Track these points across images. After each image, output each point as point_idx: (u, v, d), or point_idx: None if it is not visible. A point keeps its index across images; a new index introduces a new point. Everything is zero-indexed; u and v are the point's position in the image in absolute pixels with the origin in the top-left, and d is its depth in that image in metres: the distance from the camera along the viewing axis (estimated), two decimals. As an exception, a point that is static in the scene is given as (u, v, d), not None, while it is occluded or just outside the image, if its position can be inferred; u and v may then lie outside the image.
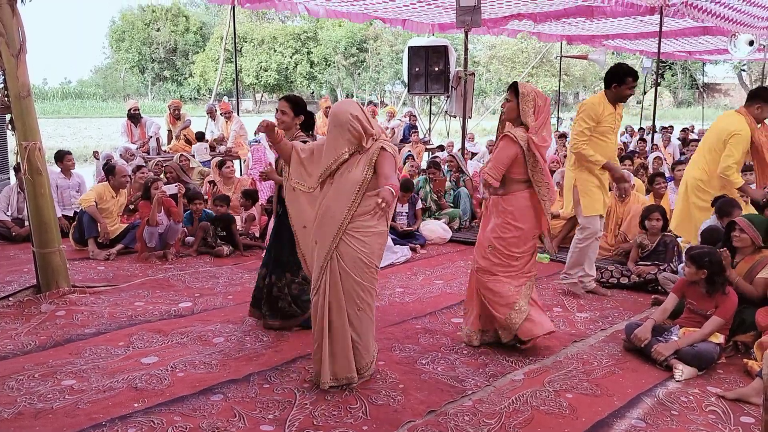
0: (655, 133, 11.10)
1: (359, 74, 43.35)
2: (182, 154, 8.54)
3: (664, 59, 21.67)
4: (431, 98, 14.48)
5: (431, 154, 11.09)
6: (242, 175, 9.64)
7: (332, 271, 3.11)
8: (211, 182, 7.67)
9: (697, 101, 40.33)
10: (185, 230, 6.42)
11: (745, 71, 38.43)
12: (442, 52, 10.05)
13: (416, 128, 11.84)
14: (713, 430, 2.95)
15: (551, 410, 3.09)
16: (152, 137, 9.14)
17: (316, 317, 3.21)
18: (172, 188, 6.13)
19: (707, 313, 3.68)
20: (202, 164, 8.78)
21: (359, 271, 3.11)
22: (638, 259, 5.32)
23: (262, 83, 42.86)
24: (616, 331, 4.18)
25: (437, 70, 10.06)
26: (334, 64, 42.56)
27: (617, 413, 3.08)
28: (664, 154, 10.16)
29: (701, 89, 34.01)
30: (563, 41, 14.35)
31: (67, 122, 30.35)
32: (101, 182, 6.82)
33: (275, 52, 42.48)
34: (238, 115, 10.31)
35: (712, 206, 4.87)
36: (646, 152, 10.43)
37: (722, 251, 3.81)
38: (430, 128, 13.83)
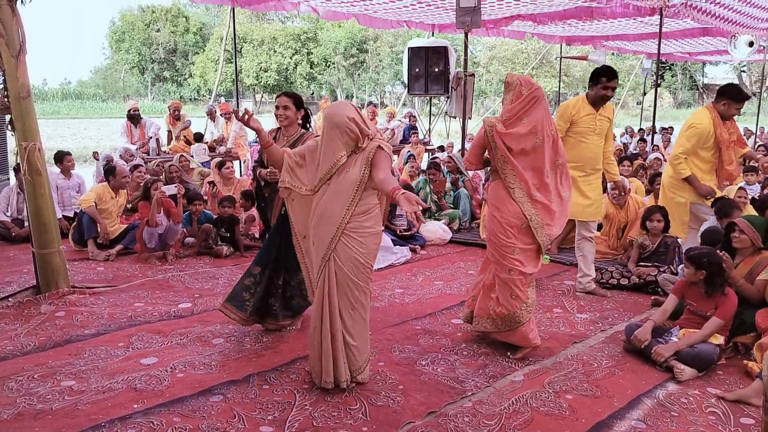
0: (655, 133, 11.11)
1: (359, 75, 43.37)
2: (182, 154, 8.53)
3: (664, 60, 21.68)
4: (431, 99, 14.47)
5: (431, 154, 11.09)
6: (242, 175, 9.65)
7: (329, 271, 3.11)
8: (210, 183, 7.67)
9: (697, 102, 40.39)
10: (185, 231, 6.43)
11: (745, 72, 38.49)
12: (442, 52, 10.05)
13: (416, 129, 11.84)
14: (713, 431, 2.95)
15: (551, 411, 3.09)
16: (152, 138, 9.13)
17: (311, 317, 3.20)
18: (171, 189, 6.13)
19: (707, 314, 3.68)
20: (200, 165, 8.78)
21: (356, 271, 3.11)
22: (639, 259, 5.33)
23: (262, 84, 42.86)
24: (616, 332, 4.18)
25: (437, 70, 10.05)
26: (334, 64, 42.57)
27: (617, 414, 3.08)
28: (664, 154, 10.16)
29: (701, 90, 34.07)
30: (563, 42, 14.36)
31: (66, 123, 30.35)
32: (101, 183, 6.82)
33: (275, 52, 42.49)
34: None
35: (711, 206, 4.90)
36: (646, 153, 10.45)
37: (722, 255, 3.80)
38: (430, 129, 13.83)
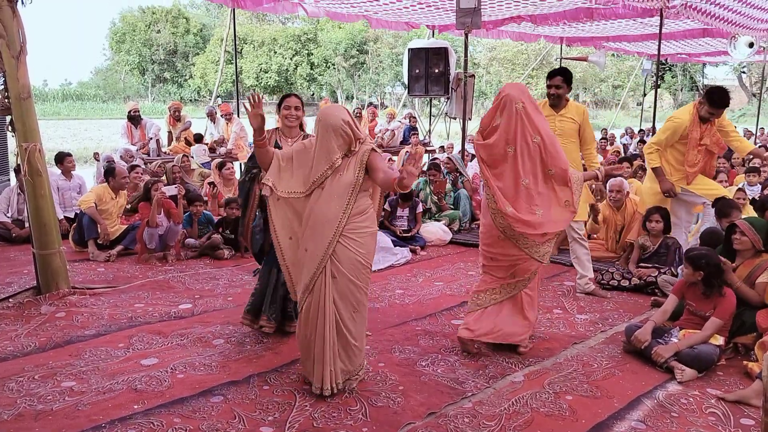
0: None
1: (359, 76, 43.40)
2: (183, 155, 8.54)
3: (664, 61, 21.68)
4: (431, 100, 14.47)
5: (431, 155, 11.10)
6: (242, 176, 9.64)
7: (327, 273, 3.10)
8: (211, 184, 7.67)
9: (697, 103, 40.24)
10: (185, 232, 6.43)
11: (745, 73, 38.48)
12: (442, 53, 10.05)
13: (416, 130, 11.84)
14: (713, 432, 2.96)
15: (551, 412, 3.09)
16: (152, 139, 9.13)
17: (306, 321, 3.16)
18: (171, 190, 6.13)
19: (706, 314, 3.68)
20: (201, 166, 8.78)
21: (356, 271, 3.11)
22: (639, 260, 5.33)
23: (262, 85, 42.89)
24: (616, 332, 4.18)
25: (437, 71, 10.05)
26: (334, 65, 42.62)
27: (617, 415, 3.08)
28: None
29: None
30: (563, 43, 14.36)
31: (67, 124, 30.38)
32: (101, 183, 6.82)
33: (275, 53, 42.54)
34: (238, 116, 10.32)
35: (713, 207, 4.89)
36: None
37: (723, 261, 3.80)
38: (430, 130, 13.82)
